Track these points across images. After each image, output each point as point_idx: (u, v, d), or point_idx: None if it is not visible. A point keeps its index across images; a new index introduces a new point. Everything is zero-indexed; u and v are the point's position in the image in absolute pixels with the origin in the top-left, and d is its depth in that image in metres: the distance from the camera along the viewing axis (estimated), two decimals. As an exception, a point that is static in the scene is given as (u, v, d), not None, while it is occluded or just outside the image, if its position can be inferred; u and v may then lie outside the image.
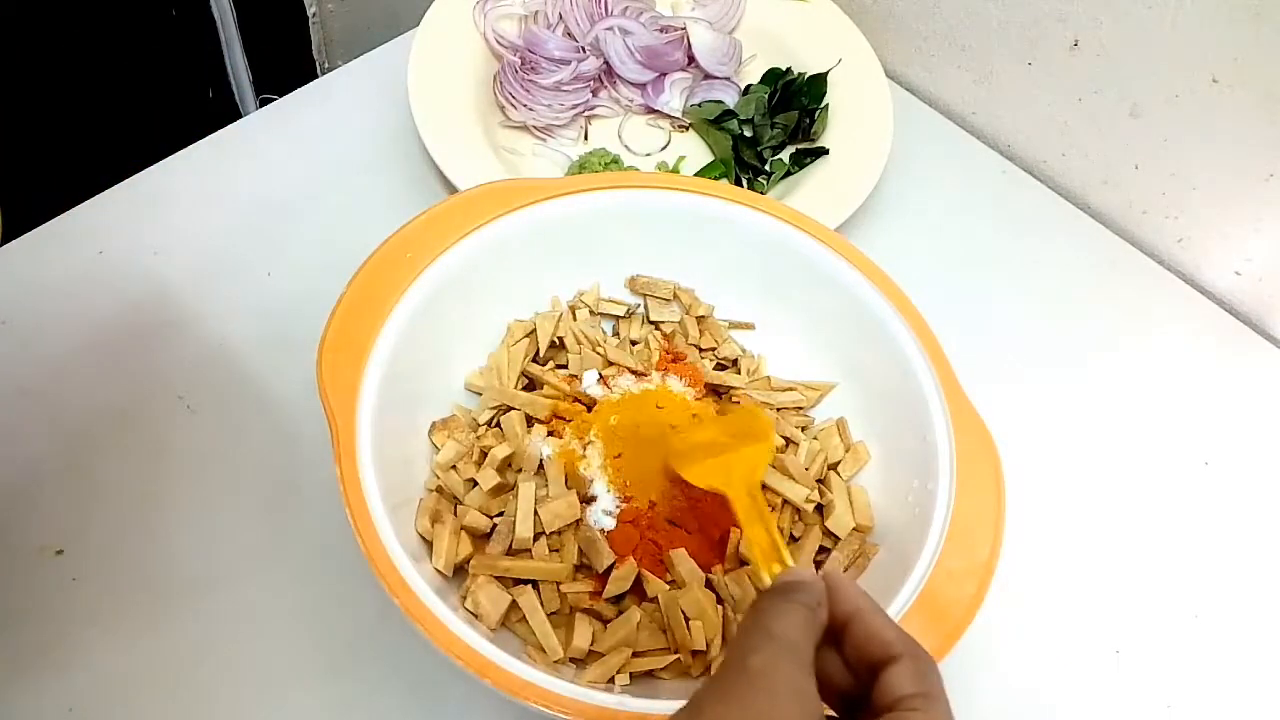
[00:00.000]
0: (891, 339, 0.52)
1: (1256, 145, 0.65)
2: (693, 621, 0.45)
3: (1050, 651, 0.55)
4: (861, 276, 0.53)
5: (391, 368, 0.47)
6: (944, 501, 0.47)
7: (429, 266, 0.50)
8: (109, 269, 0.62)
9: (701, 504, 0.49)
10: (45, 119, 0.92)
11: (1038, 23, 0.71)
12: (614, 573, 0.46)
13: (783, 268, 0.55)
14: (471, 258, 0.51)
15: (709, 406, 0.54)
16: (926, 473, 0.48)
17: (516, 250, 0.53)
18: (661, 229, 0.56)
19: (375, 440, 0.44)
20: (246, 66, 1.05)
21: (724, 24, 0.77)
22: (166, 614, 0.49)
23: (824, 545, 0.50)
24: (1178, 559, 0.59)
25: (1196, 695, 0.55)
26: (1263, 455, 0.64)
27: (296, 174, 0.68)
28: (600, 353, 0.54)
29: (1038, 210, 0.75)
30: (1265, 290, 0.70)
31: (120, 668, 0.48)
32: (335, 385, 0.45)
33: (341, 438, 0.43)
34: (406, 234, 0.50)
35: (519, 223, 0.53)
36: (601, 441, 0.50)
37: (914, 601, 0.43)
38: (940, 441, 0.48)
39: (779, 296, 0.56)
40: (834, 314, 0.55)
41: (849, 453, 0.53)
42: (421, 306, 0.49)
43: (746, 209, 0.55)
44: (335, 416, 0.44)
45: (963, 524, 0.46)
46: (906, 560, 0.46)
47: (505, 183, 0.54)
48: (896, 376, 0.52)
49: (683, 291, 0.57)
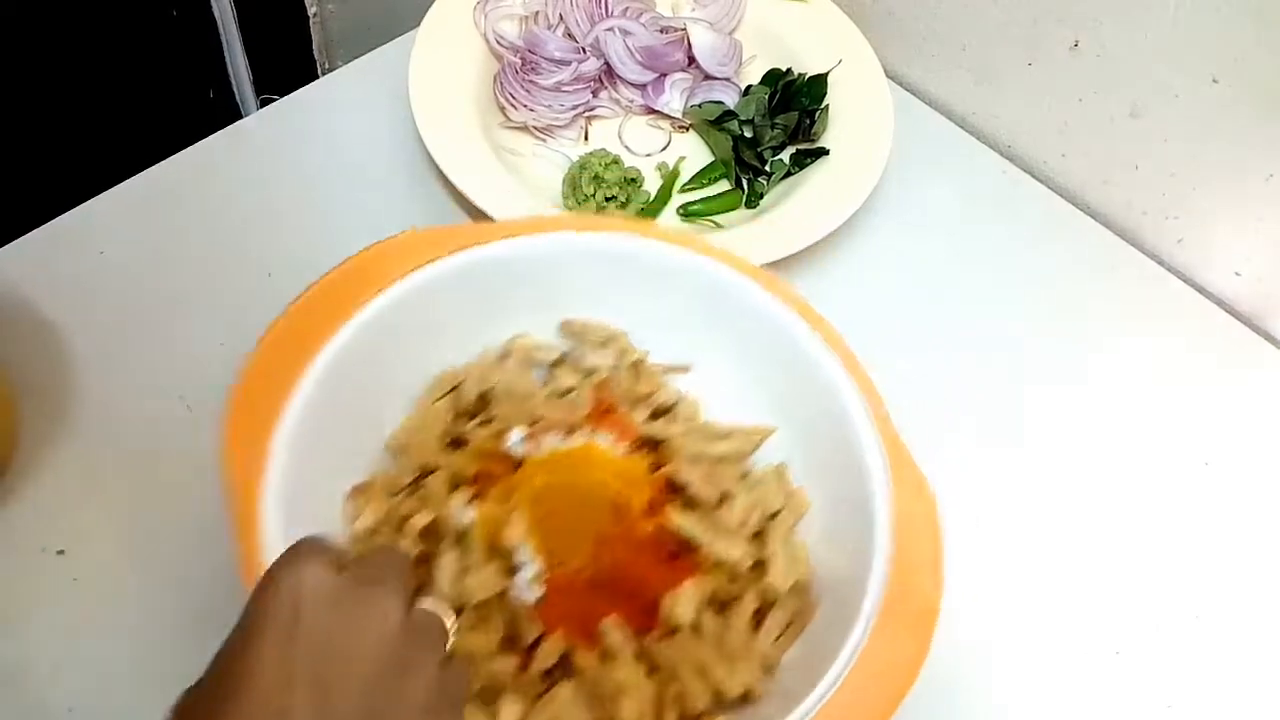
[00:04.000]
0: (826, 381, 0.50)
1: (1256, 145, 0.65)
2: (624, 698, 0.43)
3: (1050, 652, 0.55)
4: (796, 316, 0.51)
5: (303, 432, 0.44)
6: (882, 555, 0.44)
7: (347, 321, 0.47)
8: (109, 269, 0.62)
9: (633, 567, 0.47)
10: (45, 119, 0.92)
11: (1037, 23, 0.71)
12: (541, 646, 0.44)
13: (716, 309, 0.53)
14: (394, 310, 0.48)
15: (640, 462, 0.51)
16: (865, 525, 0.46)
17: (443, 299, 0.51)
18: (596, 272, 0.53)
19: (285, 516, 0.41)
20: (247, 66, 1.05)
21: (724, 24, 0.77)
22: (167, 614, 0.49)
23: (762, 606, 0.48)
24: (1178, 559, 0.59)
25: (1196, 695, 0.55)
26: (1263, 455, 0.64)
27: (296, 174, 0.68)
28: (528, 407, 0.51)
29: (1038, 210, 0.75)
30: (1265, 290, 0.70)
31: (120, 668, 0.48)
32: (238, 456, 0.42)
33: (242, 515, 0.41)
34: (324, 286, 0.47)
35: (445, 270, 0.50)
36: (528, 505, 0.48)
37: (853, 666, 0.41)
38: (877, 492, 0.46)
39: (714, 338, 0.54)
40: (769, 355, 0.52)
41: (788, 501, 0.51)
42: (339, 363, 0.46)
43: (680, 250, 0.52)
44: (238, 489, 0.41)
45: (902, 579, 0.44)
46: (846, 619, 0.43)
47: (430, 231, 0.51)
48: (831, 420, 0.49)
49: (617, 335, 0.55)
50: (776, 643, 0.47)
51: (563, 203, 0.68)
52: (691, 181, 0.72)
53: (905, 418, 0.50)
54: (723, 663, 0.45)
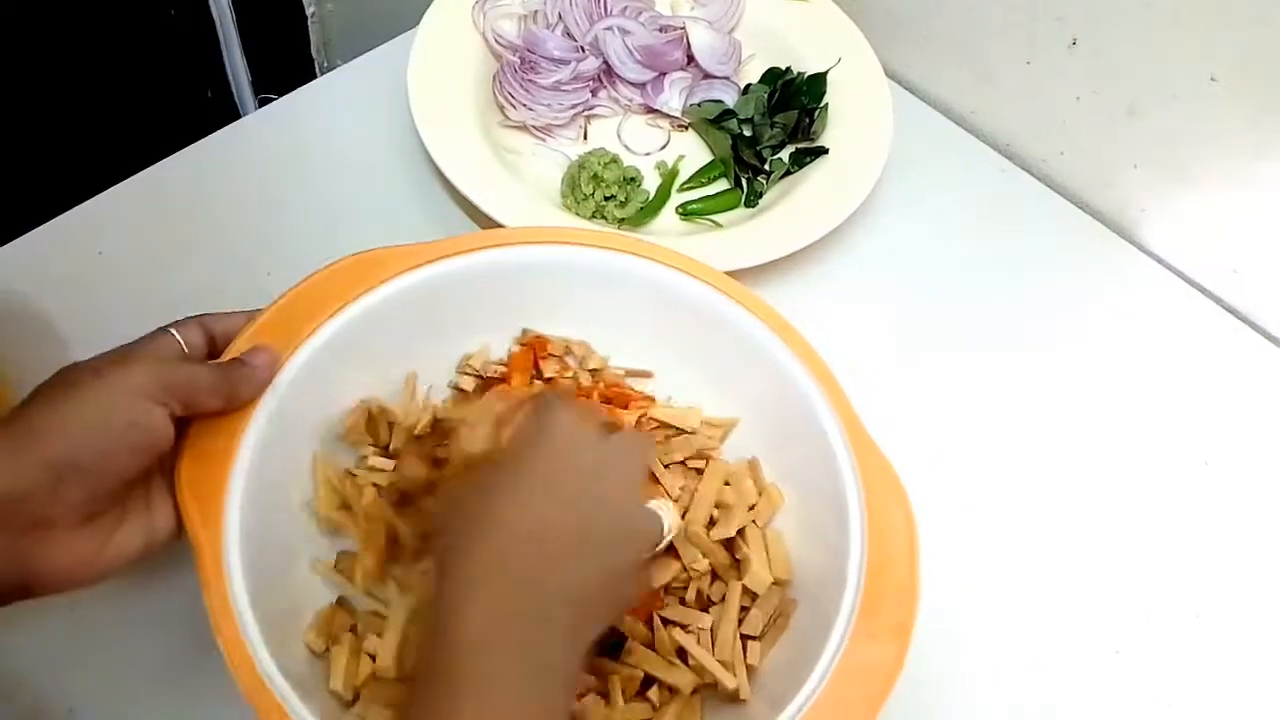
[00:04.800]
0: (793, 385, 0.49)
1: (1256, 144, 0.65)
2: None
3: (1050, 651, 0.55)
4: (757, 320, 0.50)
5: (261, 471, 0.43)
6: (856, 555, 0.44)
7: (293, 354, 0.46)
8: (109, 269, 0.62)
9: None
10: (45, 119, 0.92)
11: (1037, 22, 0.71)
12: None
13: (677, 316, 0.52)
14: (344, 335, 0.48)
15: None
16: (840, 520, 0.46)
17: (392, 322, 0.50)
18: (552, 284, 0.53)
19: (247, 563, 0.41)
20: (246, 66, 1.06)
21: (723, 23, 0.77)
22: (166, 614, 0.49)
23: (743, 604, 0.48)
24: (1177, 558, 0.59)
25: (1196, 695, 0.55)
26: (1263, 455, 0.64)
27: (296, 174, 0.68)
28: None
29: (1037, 210, 0.75)
30: (1264, 289, 0.70)
31: (120, 668, 0.48)
32: (196, 495, 0.41)
33: (207, 557, 0.40)
34: (266, 321, 0.46)
35: (394, 292, 0.49)
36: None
37: (834, 670, 0.41)
38: (849, 491, 0.46)
39: (675, 345, 0.54)
40: (731, 359, 0.52)
41: (762, 497, 0.51)
42: (290, 395, 0.45)
43: (636, 259, 0.52)
44: (199, 532, 0.41)
45: (877, 579, 0.43)
46: (825, 619, 0.43)
47: (374, 253, 0.50)
48: (798, 420, 0.49)
49: (576, 344, 0.55)
50: (762, 639, 0.47)
51: (561, 202, 0.68)
52: (690, 180, 0.72)
53: (905, 417, 0.50)
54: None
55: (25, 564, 0.37)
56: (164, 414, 0.39)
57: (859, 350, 0.60)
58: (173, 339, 0.43)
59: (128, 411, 0.38)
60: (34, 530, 0.37)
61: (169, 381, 0.40)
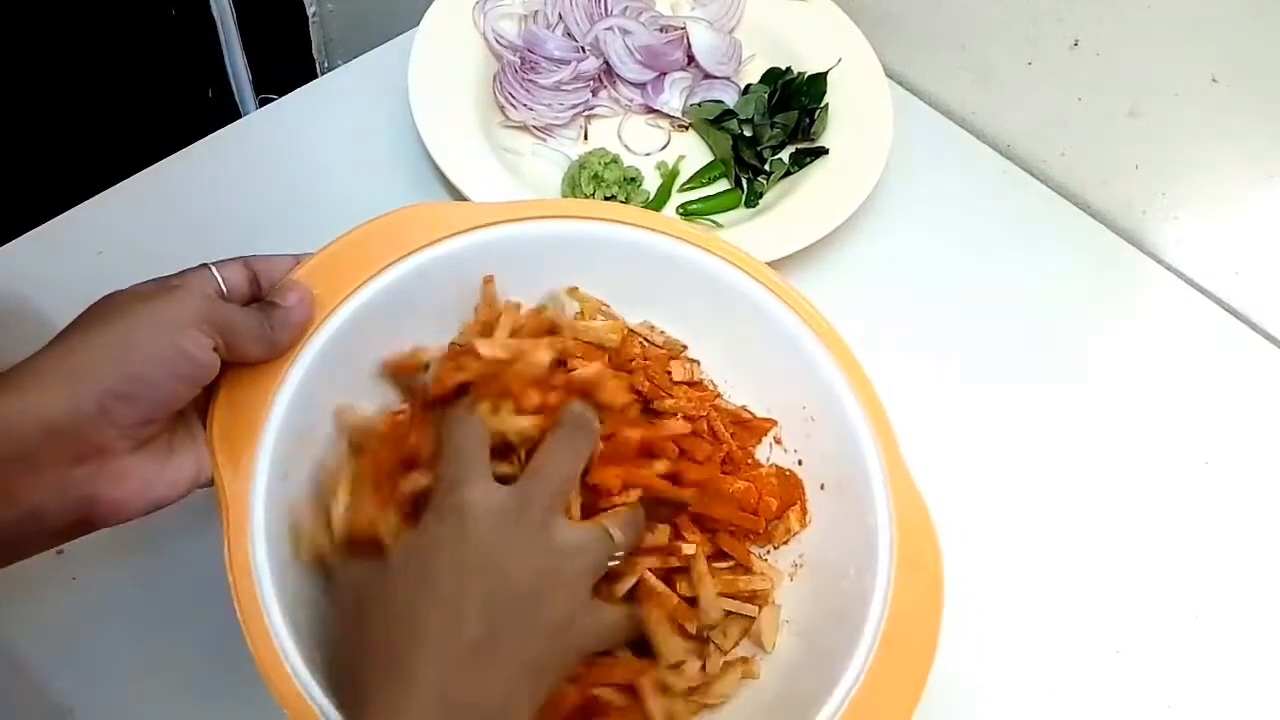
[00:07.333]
0: (827, 382, 0.48)
1: (1256, 145, 0.65)
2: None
3: (1050, 652, 0.55)
4: (797, 317, 0.49)
5: (293, 426, 0.42)
6: (879, 602, 0.43)
7: (341, 304, 0.44)
8: (109, 269, 0.62)
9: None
10: (45, 119, 0.92)
11: (1037, 22, 0.71)
12: None
13: (729, 313, 0.51)
14: (393, 290, 0.46)
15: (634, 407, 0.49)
16: (865, 561, 0.44)
17: (445, 282, 0.48)
18: (611, 261, 0.50)
19: (271, 520, 0.40)
20: (246, 66, 1.05)
21: (724, 23, 0.77)
22: (166, 613, 0.49)
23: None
24: (1178, 559, 0.59)
25: (1196, 695, 0.55)
26: (1263, 455, 0.64)
27: (296, 174, 0.68)
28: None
29: (1038, 210, 0.75)
30: (1265, 290, 0.70)
31: (120, 668, 0.48)
32: (227, 453, 0.40)
33: (232, 512, 0.40)
34: (314, 265, 0.45)
35: (448, 252, 0.47)
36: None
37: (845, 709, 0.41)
38: (880, 530, 0.44)
39: (723, 340, 0.52)
40: (774, 365, 0.50)
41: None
42: (331, 349, 0.44)
43: (696, 249, 0.49)
44: (225, 489, 0.40)
45: (898, 632, 0.42)
46: (832, 668, 0.42)
47: (431, 207, 0.48)
48: (830, 421, 0.48)
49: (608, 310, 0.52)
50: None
51: (562, 202, 0.69)
52: (691, 180, 0.72)
53: (904, 417, 0.49)
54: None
55: (84, 492, 0.37)
56: (210, 346, 0.39)
57: (858, 350, 0.60)
58: (212, 277, 0.42)
59: (180, 339, 0.38)
60: (92, 458, 0.36)
61: (214, 318, 0.39)
